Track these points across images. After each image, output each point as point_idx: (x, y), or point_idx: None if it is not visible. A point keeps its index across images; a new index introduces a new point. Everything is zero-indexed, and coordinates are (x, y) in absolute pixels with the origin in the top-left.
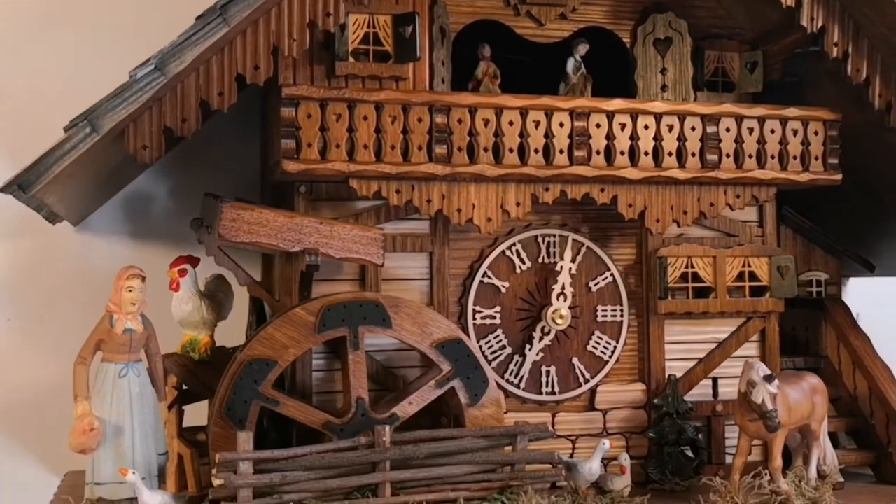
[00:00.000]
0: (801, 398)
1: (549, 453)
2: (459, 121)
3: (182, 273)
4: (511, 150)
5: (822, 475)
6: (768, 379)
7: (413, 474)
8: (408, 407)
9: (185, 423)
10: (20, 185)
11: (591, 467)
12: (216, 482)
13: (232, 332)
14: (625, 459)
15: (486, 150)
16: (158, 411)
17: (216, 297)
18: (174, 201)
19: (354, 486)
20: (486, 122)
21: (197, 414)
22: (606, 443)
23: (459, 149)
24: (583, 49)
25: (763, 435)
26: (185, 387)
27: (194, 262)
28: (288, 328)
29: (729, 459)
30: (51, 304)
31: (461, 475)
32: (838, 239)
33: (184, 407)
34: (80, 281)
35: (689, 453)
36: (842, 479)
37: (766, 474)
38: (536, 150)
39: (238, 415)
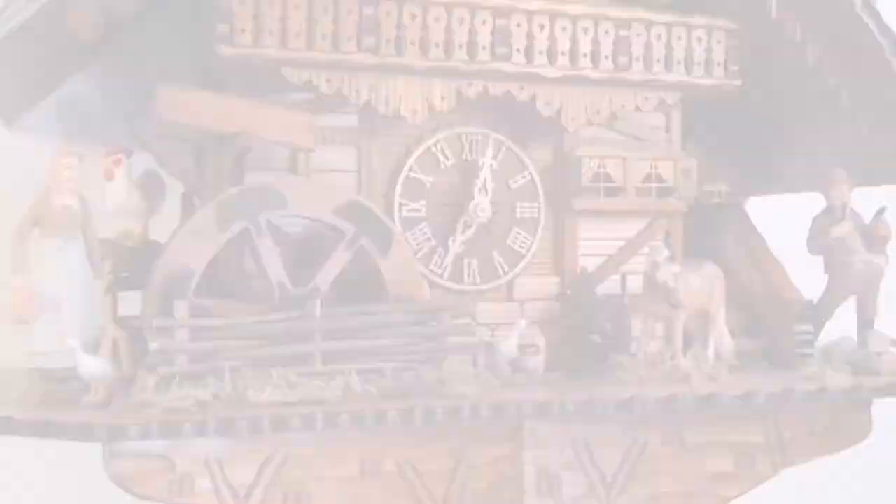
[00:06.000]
0: (700, 283)
1: (469, 325)
2: (388, 13)
3: (116, 162)
4: (437, 45)
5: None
6: (670, 259)
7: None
8: (325, 277)
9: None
10: None
11: (508, 346)
12: (152, 346)
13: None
14: (539, 340)
15: (412, 43)
16: (95, 287)
17: (149, 190)
18: (110, 106)
19: (287, 356)
20: (414, 16)
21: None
22: (523, 322)
23: (388, 41)
24: None
25: (665, 315)
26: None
27: (128, 151)
28: (193, 232)
29: (634, 349)
30: None
31: (387, 347)
32: (741, 153)
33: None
34: (10, 181)
35: (598, 341)
36: (737, 363)
37: (667, 352)
38: (461, 46)
39: None
